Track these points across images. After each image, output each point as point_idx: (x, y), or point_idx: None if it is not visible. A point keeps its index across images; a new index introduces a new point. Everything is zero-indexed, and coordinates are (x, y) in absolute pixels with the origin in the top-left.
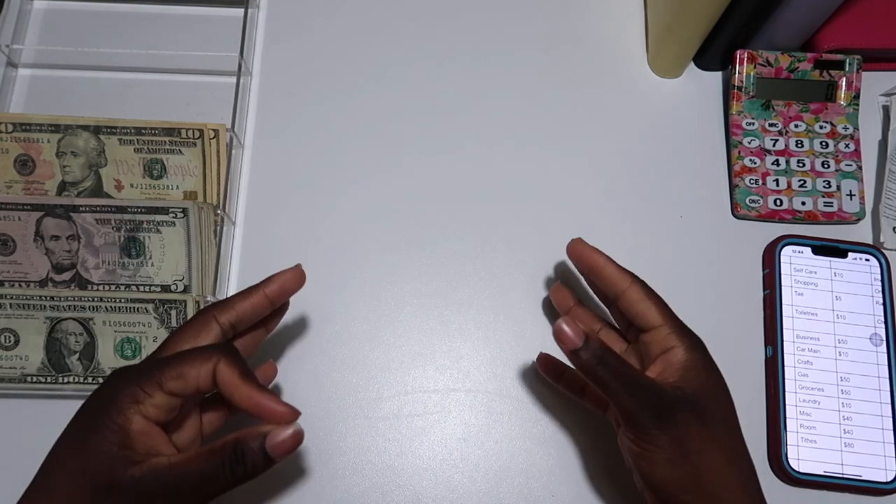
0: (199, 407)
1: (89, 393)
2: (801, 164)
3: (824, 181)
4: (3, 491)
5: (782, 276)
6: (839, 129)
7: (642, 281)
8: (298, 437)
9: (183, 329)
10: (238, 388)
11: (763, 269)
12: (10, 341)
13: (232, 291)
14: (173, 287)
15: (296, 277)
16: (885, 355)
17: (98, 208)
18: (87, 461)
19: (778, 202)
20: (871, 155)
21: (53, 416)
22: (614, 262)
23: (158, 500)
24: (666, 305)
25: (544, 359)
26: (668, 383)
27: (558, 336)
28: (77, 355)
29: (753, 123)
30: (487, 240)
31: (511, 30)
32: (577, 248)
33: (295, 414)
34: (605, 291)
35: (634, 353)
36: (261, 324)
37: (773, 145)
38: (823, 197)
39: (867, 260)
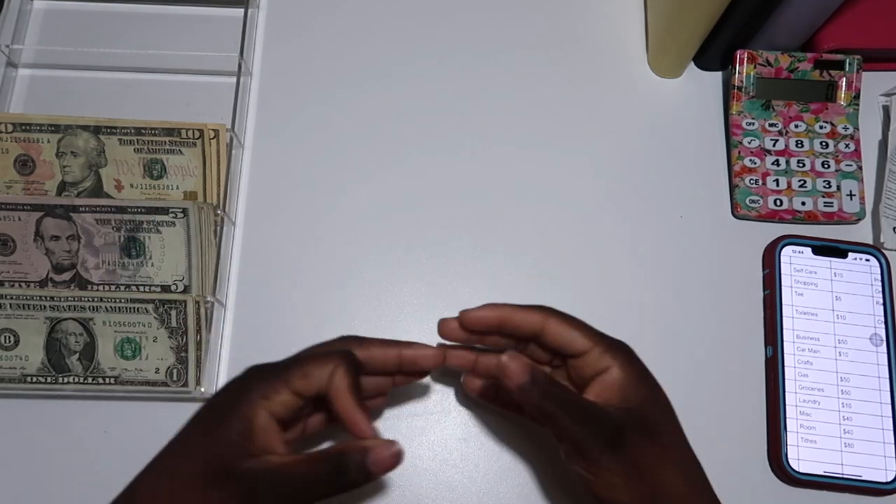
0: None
1: (89, 393)
2: (801, 164)
3: (824, 181)
4: (4, 490)
5: (782, 277)
6: (839, 129)
7: (553, 309)
8: (399, 456)
9: (318, 345)
10: (341, 396)
11: (763, 270)
12: (10, 341)
13: (232, 291)
14: (173, 287)
15: (435, 358)
16: (885, 355)
17: (98, 208)
18: (211, 446)
19: (778, 202)
20: (871, 155)
21: (53, 416)
22: (514, 305)
23: (262, 495)
24: (588, 327)
25: (471, 383)
26: (612, 406)
27: (503, 373)
28: (77, 355)
29: (753, 123)
30: (487, 240)
31: (511, 30)
32: (473, 316)
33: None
34: (522, 335)
35: (561, 378)
36: (388, 377)
37: (773, 145)
38: (823, 197)
39: (867, 260)
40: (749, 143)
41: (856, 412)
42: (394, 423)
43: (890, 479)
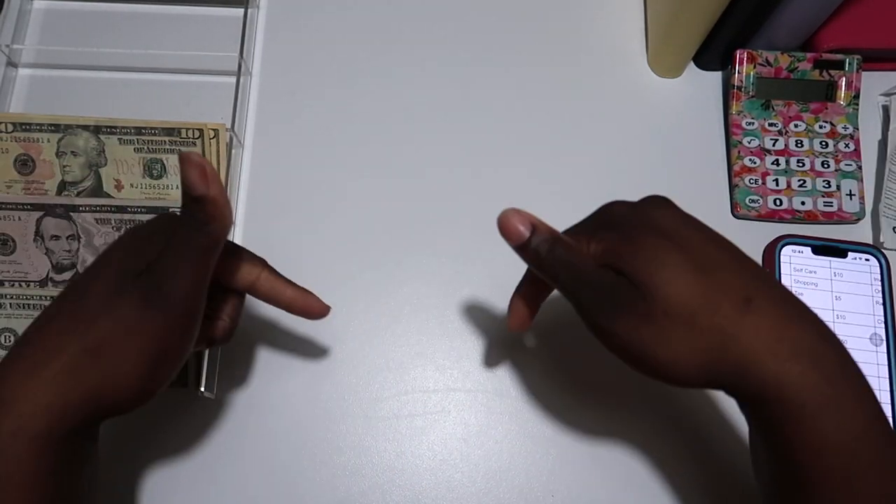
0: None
1: None
2: (800, 164)
3: (824, 181)
4: None
5: (782, 276)
6: (839, 128)
7: None
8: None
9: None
10: (275, 284)
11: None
12: (10, 341)
13: None
14: None
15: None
16: (885, 355)
17: (98, 208)
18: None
19: (778, 202)
20: (871, 155)
21: None
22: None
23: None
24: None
25: (515, 318)
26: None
27: (503, 227)
28: None
29: (753, 123)
30: (487, 240)
31: (511, 29)
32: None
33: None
34: None
35: None
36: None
37: (773, 145)
38: (823, 197)
39: (867, 260)
40: (749, 142)
41: None
42: (394, 423)
43: None
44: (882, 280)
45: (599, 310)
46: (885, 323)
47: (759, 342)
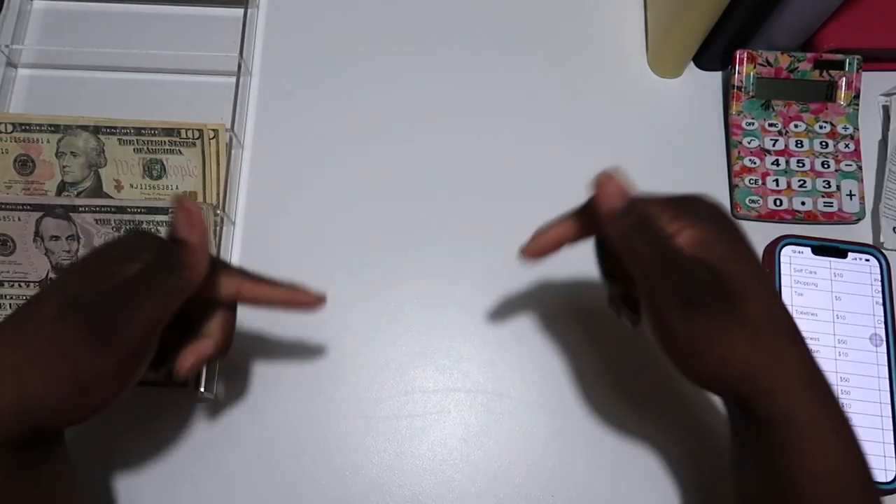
0: None
1: None
2: (800, 164)
3: (824, 181)
4: None
5: (782, 277)
6: (839, 129)
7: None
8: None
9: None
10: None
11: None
12: None
13: None
14: None
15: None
16: (885, 355)
17: (98, 208)
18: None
19: (778, 202)
20: (871, 155)
21: None
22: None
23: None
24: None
25: (538, 245)
26: (698, 260)
27: (601, 189)
28: None
29: (753, 123)
30: (487, 239)
31: (511, 30)
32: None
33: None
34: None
35: None
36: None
37: (773, 145)
38: (823, 197)
39: (867, 260)
40: (749, 143)
41: (855, 412)
42: (394, 423)
43: (890, 479)
44: (882, 280)
45: (678, 299)
46: (885, 323)
47: (797, 372)
